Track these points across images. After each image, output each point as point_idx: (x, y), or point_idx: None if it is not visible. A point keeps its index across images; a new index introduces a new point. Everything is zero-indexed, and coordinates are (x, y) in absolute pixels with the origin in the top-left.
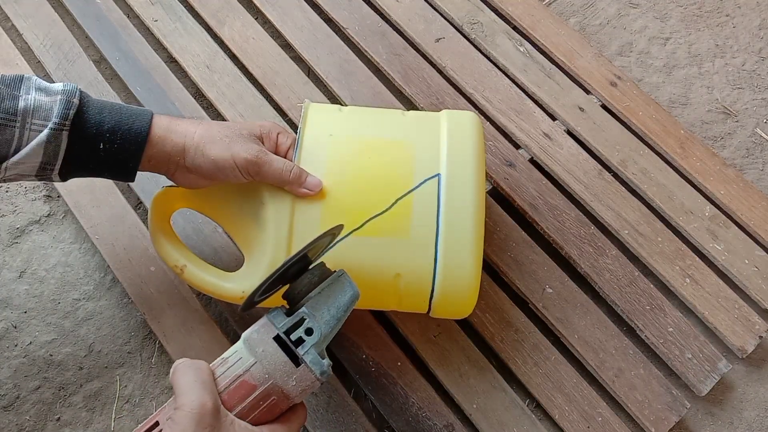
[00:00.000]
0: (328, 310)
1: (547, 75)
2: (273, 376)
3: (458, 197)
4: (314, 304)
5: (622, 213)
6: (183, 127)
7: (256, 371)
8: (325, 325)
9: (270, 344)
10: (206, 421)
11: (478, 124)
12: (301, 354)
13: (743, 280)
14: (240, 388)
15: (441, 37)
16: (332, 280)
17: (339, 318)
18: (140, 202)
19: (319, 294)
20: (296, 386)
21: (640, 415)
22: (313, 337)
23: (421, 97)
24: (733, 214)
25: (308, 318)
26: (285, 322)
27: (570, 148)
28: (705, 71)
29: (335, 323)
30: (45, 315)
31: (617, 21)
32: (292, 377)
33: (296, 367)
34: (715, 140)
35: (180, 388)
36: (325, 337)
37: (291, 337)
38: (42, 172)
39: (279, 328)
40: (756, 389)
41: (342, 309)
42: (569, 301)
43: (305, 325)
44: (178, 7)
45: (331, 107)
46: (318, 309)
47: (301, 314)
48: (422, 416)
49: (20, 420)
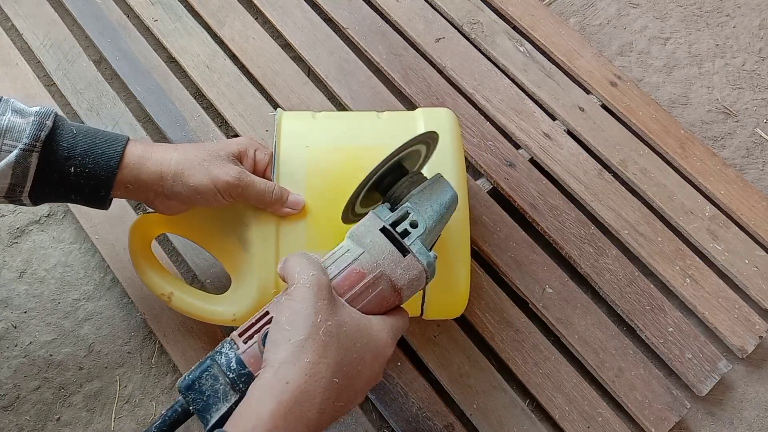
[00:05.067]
0: (431, 206)
1: (547, 75)
2: (381, 265)
3: None
4: (417, 200)
5: (622, 213)
6: (159, 154)
7: (364, 260)
8: (429, 219)
9: (377, 235)
10: (323, 294)
11: (454, 121)
12: (408, 244)
13: (743, 280)
14: (350, 276)
15: (441, 37)
16: (433, 179)
17: (442, 215)
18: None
19: (422, 192)
20: (404, 275)
21: (640, 415)
22: (419, 229)
23: (421, 97)
24: (733, 214)
25: (412, 212)
26: (390, 216)
27: (570, 148)
28: (705, 71)
29: (438, 218)
30: (45, 315)
31: (617, 21)
32: (400, 266)
33: (403, 256)
34: (715, 140)
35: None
36: (430, 230)
37: (397, 229)
38: (11, 194)
39: (385, 220)
40: (756, 389)
41: (444, 206)
42: (569, 301)
43: (410, 218)
44: (178, 7)
45: (305, 114)
46: (421, 204)
47: (405, 208)
48: (422, 416)
49: (20, 420)
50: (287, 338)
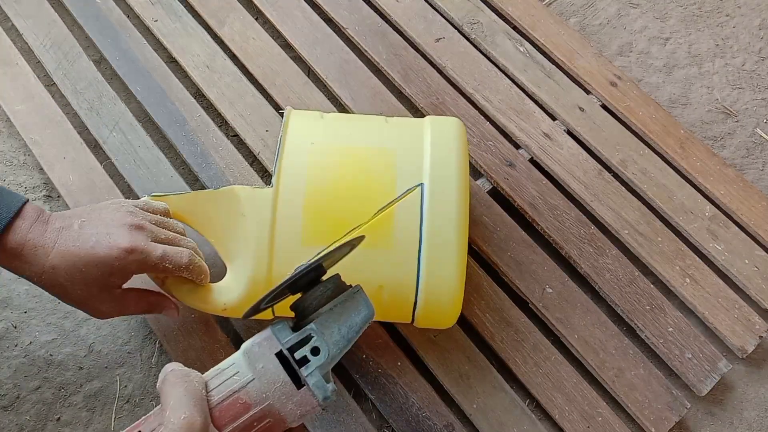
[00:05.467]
0: (339, 329)
1: (547, 75)
2: (271, 397)
3: (441, 207)
4: (324, 320)
5: (622, 213)
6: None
7: (252, 389)
8: (334, 345)
9: (271, 360)
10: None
11: (461, 131)
12: (305, 375)
13: (743, 280)
14: (234, 406)
15: (441, 37)
16: (347, 296)
17: (350, 339)
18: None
19: (331, 310)
20: (295, 410)
21: (640, 415)
22: (319, 358)
23: (421, 97)
24: (733, 214)
25: (316, 336)
26: (290, 338)
27: (570, 148)
28: (705, 71)
29: (345, 344)
30: (45, 315)
31: (617, 21)
32: (292, 400)
33: (297, 389)
34: (715, 140)
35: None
36: (333, 358)
37: (295, 355)
38: None
39: (283, 343)
40: (756, 389)
41: (354, 329)
42: (569, 301)
43: (312, 343)
44: (178, 7)
45: (313, 114)
46: (328, 327)
47: (308, 331)
48: (422, 416)
49: (20, 420)
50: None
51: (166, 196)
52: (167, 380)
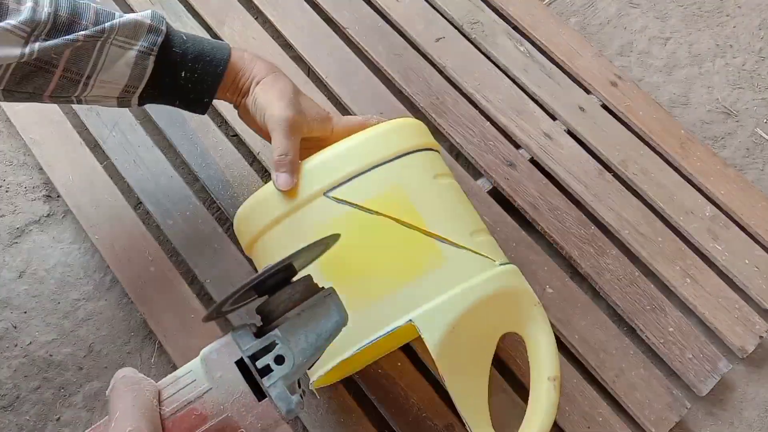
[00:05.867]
0: (306, 336)
1: (548, 75)
2: (229, 409)
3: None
4: (290, 326)
5: (622, 213)
6: (258, 68)
7: (209, 399)
8: (300, 353)
9: (230, 369)
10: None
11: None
12: (267, 386)
13: (744, 280)
14: (188, 417)
15: (441, 37)
16: (316, 300)
17: (318, 347)
18: (140, 202)
19: (299, 315)
20: (255, 423)
21: (641, 415)
22: (283, 368)
23: (421, 97)
24: (733, 214)
25: (280, 343)
26: (252, 345)
27: (570, 148)
28: (705, 71)
29: (312, 353)
30: (45, 315)
31: (617, 21)
32: (252, 412)
33: (258, 401)
34: (715, 140)
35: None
36: (298, 368)
37: (257, 364)
38: (124, 95)
39: (244, 351)
40: (756, 389)
41: (323, 337)
42: (569, 301)
43: (276, 351)
44: (178, 7)
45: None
46: (294, 333)
47: (272, 337)
48: (422, 417)
49: (20, 420)
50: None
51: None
52: (115, 388)
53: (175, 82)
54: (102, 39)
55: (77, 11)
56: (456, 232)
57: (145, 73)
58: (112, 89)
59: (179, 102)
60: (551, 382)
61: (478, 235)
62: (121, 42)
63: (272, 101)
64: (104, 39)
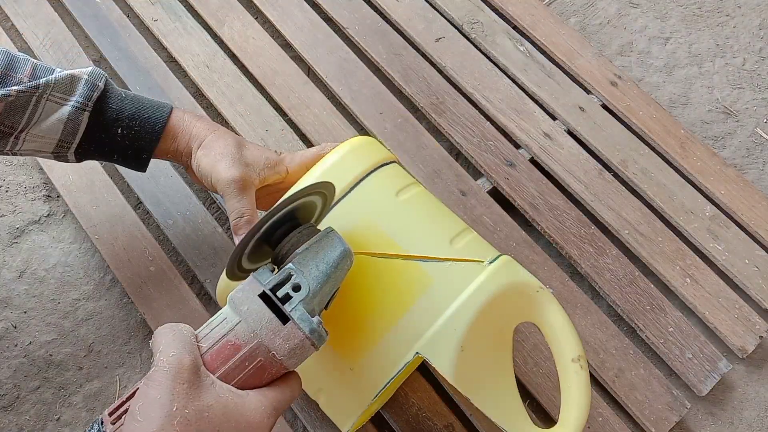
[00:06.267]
0: (317, 266)
1: (548, 75)
2: (259, 335)
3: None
4: (302, 259)
5: (622, 213)
6: (197, 129)
7: (240, 330)
8: (314, 280)
9: (255, 302)
10: (183, 377)
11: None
12: (288, 311)
13: (744, 280)
14: (224, 349)
15: (441, 37)
16: (321, 236)
17: (329, 274)
18: (140, 202)
19: (307, 250)
20: (284, 345)
21: (641, 415)
22: (301, 293)
23: (421, 96)
24: (733, 214)
25: (295, 273)
26: (271, 279)
27: (570, 147)
28: (705, 71)
29: (324, 279)
30: (45, 315)
31: (617, 21)
32: (279, 335)
33: (283, 324)
34: (715, 140)
35: (157, 346)
36: (314, 293)
37: (277, 294)
38: (59, 150)
39: (265, 284)
40: (756, 389)
41: (331, 265)
42: (569, 301)
43: (292, 280)
44: (178, 7)
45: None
46: (306, 265)
47: (287, 270)
48: (422, 416)
49: (20, 420)
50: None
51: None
52: (156, 334)
53: (112, 139)
54: (37, 94)
55: (13, 65)
56: (434, 245)
57: (78, 128)
58: (45, 144)
59: (117, 158)
60: (575, 363)
61: (459, 238)
62: (57, 98)
63: (215, 164)
64: (39, 94)
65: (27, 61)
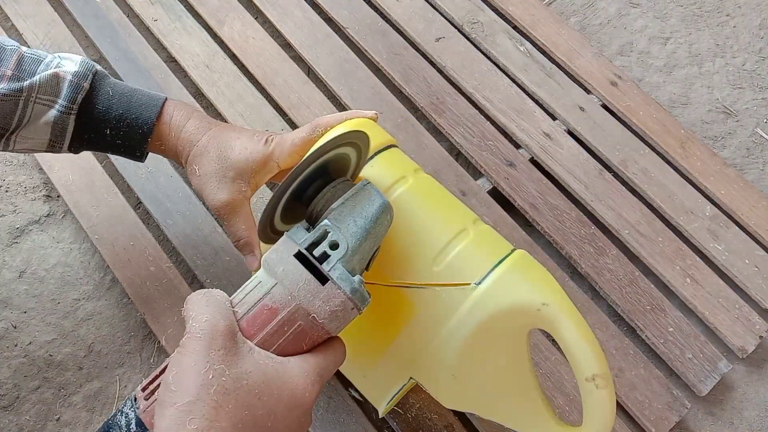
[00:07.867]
0: (354, 221)
1: (548, 75)
2: (297, 297)
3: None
4: (338, 215)
5: (622, 213)
6: (186, 132)
7: (276, 293)
8: (352, 237)
9: (290, 262)
10: (218, 343)
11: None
12: (327, 270)
13: (744, 280)
14: (260, 313)
15: (441, 37)
16: (357, 189)
17: (368, 229)
18: (140, 202)
19: (343, 204)
20: (324, 307)
21: (641, 415)
22: (339, 251)
23: (421, 96)
24: (733, 214)
25: (332, 230)
26: (306, 237)
27: (570, 147)
28: (705, 71)
29: (363, 235)
30: (45, 315)
31: (617, 21)
32: (318, 296)
33: (322, 285)
34: (715, 140)
35: (189, 313)
36: (353, 250)
37: (314, 253)
38: (51, 148)
39: (300, 243)
40: (756, 389)
41: (370, 219)
42: None
43: (329, 238)
44: (178, 7)
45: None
46: (342, 221)
47: (323, 227)
48: (422, 416)
49: (20, 420)
50: (173, 401)
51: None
52: (188, 301)
53: (102, 138)
54: (23, 98)
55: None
56: (416, 268)
57: (66, 131)
58: (37, 144)
59: (117, 154)
60: (589, 382)
61: (443, 255)
62: (44, 100)
63: (203, 187)
64: (26, 98)
65: (14, 51)
